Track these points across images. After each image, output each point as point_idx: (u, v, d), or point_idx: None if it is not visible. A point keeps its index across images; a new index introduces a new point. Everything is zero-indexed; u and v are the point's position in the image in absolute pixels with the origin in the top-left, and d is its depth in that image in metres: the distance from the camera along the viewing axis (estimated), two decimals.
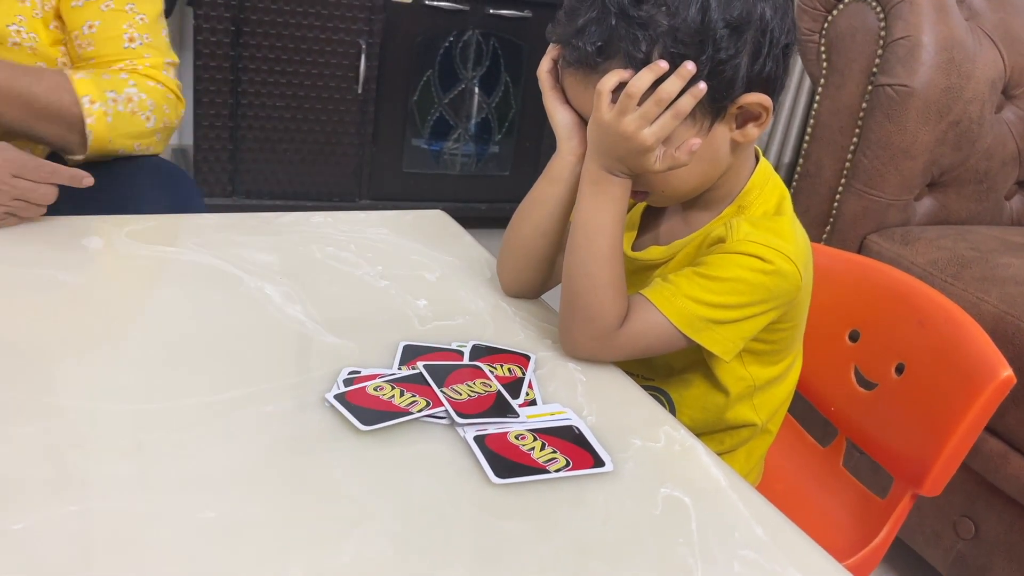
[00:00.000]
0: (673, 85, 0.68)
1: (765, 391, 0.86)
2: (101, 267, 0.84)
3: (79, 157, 1.04)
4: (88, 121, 1.00)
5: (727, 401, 0.84)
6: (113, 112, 1.02)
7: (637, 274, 0.84)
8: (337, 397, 0.65)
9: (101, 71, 1.05)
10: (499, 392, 0.68)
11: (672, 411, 0.87)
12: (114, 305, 0.78)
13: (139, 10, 1.07)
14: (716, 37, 0.67)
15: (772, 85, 0.73)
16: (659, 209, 0.86)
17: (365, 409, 0.64)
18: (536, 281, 0.88)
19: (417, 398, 0.66)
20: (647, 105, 0.69)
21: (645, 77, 0.68)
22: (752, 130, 0.74)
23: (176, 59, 1.13)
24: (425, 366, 0.70)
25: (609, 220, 0.76)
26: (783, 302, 0.76)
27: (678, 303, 0.74)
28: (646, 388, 0.87)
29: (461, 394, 0.67)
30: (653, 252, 0.83)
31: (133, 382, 0.66)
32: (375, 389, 0.66)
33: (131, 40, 1.07)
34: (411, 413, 0.64)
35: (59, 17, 1.06)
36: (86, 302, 0.77)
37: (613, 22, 0.68)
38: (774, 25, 0.70)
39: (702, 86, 0.69)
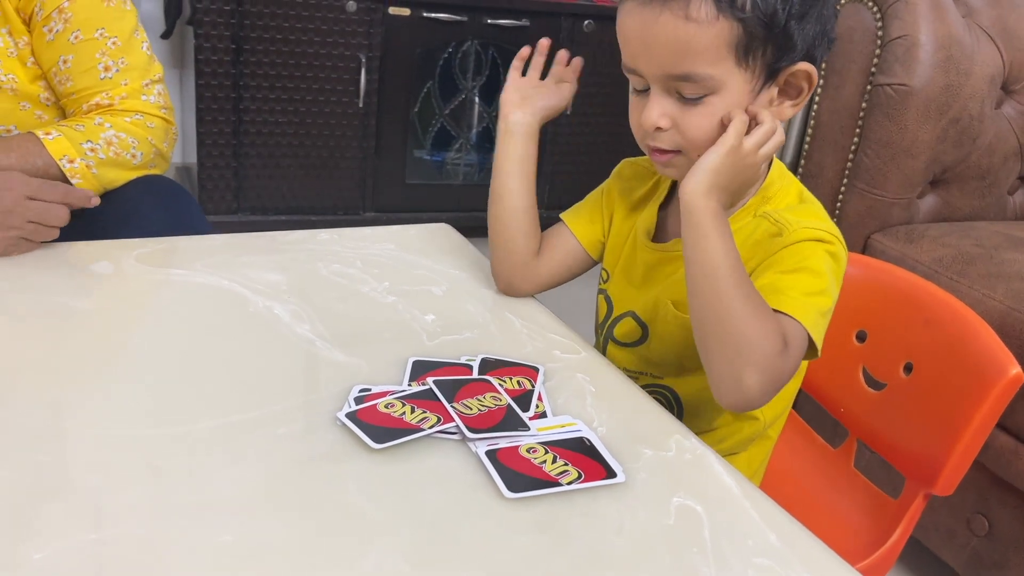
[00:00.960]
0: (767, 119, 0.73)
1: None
2: (111, 292, 0.84)
3: None
4: (74, 181, 0.99)
5: (730, 414, 0.85)
6: (95, 161, 1.01)
7: (662, 266, 0.84)
8: (349, 416, 0.65)
9: (73, 123, 1.03)
10: (509, 406, 0.69)
11: (680, 410, 0.87)
12: (125, 330, 0.78)
13: (110, 33, 1.05)
14: None
15: (818, 67, 0.75)
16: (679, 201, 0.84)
17: (377, 427, 0.64)
18: (525, 268, 0.90)
19: (428, 414, 0.66)
20: (760, 135, 0.73)
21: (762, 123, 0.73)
22: (788, 109, 0.76)
23: (159, 71, 1.11)
24: (435, 382, 0.71)
25: (732, 250, 0.70)
26: (841, 283, 0.76)
27: (805, 302, 0.71)
28: (654, 387, 0.87)
29: (471, 409, 0.68)
30: (679, 243, 0.79)
31: (146, 407, 0.66)
32: (386, 406, 0.67)
33: (106, 69, 1.05)
34: (423, 430, 0.65)
35: (35, 54, 1.05)
36: (97, 328, 0.78)
37: None
38: (831, 10, 0.74)
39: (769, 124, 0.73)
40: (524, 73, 0.93)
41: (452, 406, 0.67)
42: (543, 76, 0.93)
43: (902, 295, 0.96)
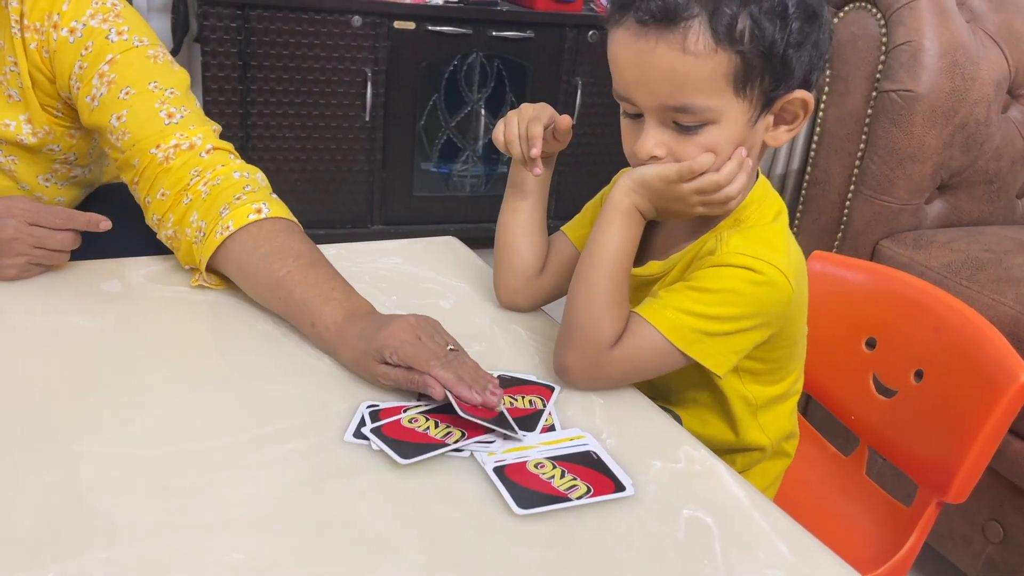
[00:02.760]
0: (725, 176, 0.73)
1: (768, 410, 0.86)
2: (121, 310, 0.85)
3: None
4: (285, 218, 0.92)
5: (732, 422, 0.84)
6: (267, 197, 0.96)
7: (637, 290, 0.84)
8: (374, 431, 0.66)
9: (229, 183, 0.93)
10: (502, 412, 0.69)
11: None
12: (135, 348, 0.79)
13: (165, 85, 0.94)
14: (792, 19, 0.69)
15: (812, 90, 0.75)
16: (657, 224, 0.85)
17: (403, 443, 0.64)
18: (528, 286, 0.91)
19: (452, 429, 0.66)
20: (712, 196, 0.74)
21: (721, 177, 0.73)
22: (783, 134, 0.76)
23: (219, 126, 1.02)
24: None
25: (626, 245, 0.77)
26: (776, 315, 0.76)
27: (668, 315, 0.74)
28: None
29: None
30: (652, 267, 0.83)
31: (156, 425, 0.67)
32: (410, 422, 0.67)
33: (169, 116, 0.93)
34: (447, 445, 0.65)
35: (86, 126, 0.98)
36: (107, 347, 0.78)
37: None
38: (827, 34, 0.73)
39: (743, 152, 0.74)
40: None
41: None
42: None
43: (911, 302, 0.96)
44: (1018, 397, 0.82)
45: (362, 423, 0.67)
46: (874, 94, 1.45)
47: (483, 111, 2.48)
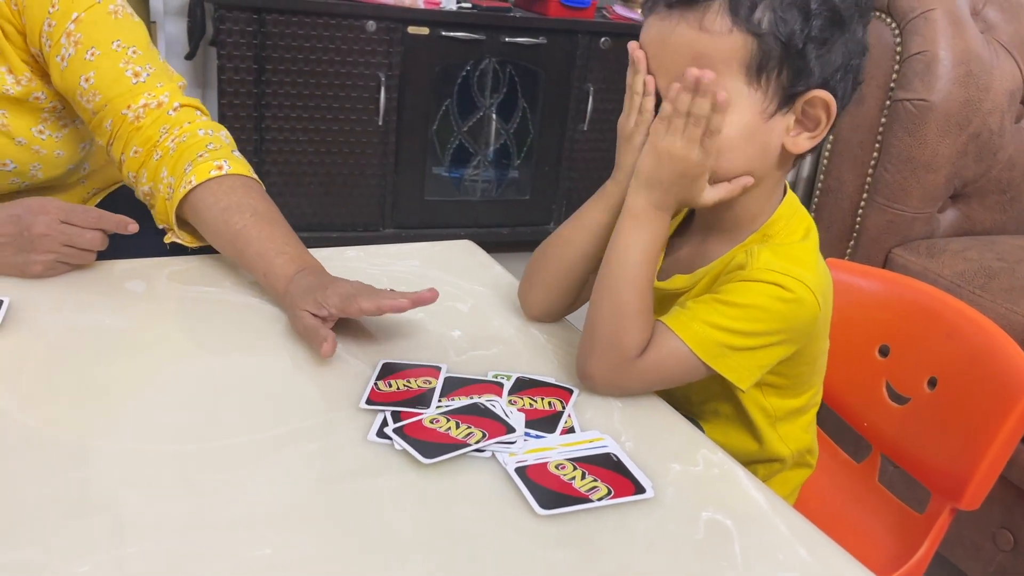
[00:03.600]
0: (703, 104, 0.70)
1: (787, 422, 0.86)
2: (144, 310, 0.86)
3: None
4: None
5: (754, 432, 0.85)
6: (231, 155, 0.96)
7: (662, 303, 0.84)
8: (396, 431, 0.66)
9: (194, 141, 0.96)
10: (497, 412, 0.70)
11: None
12: (158, 347, 0.80)
13: (127, 43, 0.98)
14: (815, 17, 0.69)
15: (838, 99, 0.74)
16: (683, 237, 0.86)
17: (426, 443, 0.65)
18: (565, 303, 0.89)
19: (473, 430, 0.67)
20: (689, 128, 0.71)
21: (683, 96, 0.70)
22: (805, 141, 0.75)
23: (183, 79, 1.05)
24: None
25: (646, 251, 0.76)
26: (801, 333, 0.76)
27: (695, 327, 0.75)
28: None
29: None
30: (677, 281, 0.83)
31: (180, 422, 0.68)
32: (431, 422, 0.68)
33: (136, 75, 0.98)
34: (469, 445, 0.65)
35: (57, 86, 1.00)
36: (131, 345, 0.79)
37: None
38: (857, 51, 0.74)
39: (721, 96, 0.70)
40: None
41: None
42: None
43: (924, 309, 0.96)
44: None
45: (384, 423, 0.68)
46: (888, 103, 1.45)
47: (495, 117, 2.49)
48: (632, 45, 0.76)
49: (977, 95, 1.41)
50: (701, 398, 0.85)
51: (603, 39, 2.46)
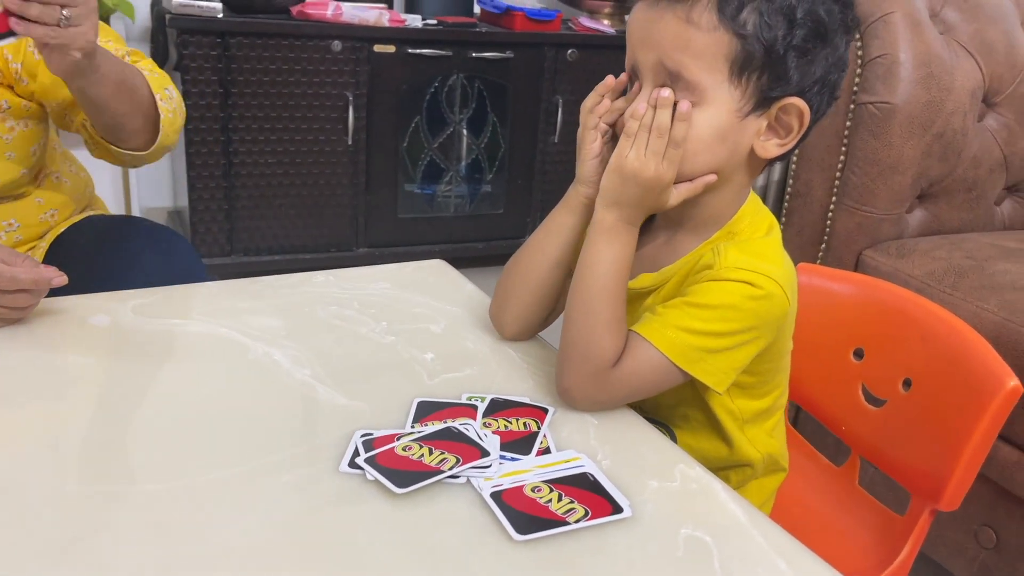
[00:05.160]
0: (664, 116, 0.71)
1: (754, 424, 0.86)
2: (109, 346, 0.84)
3: (142, 154, 1.08)
4: (163, 117, 1.04)
5: (723, 437, 0.85)
6: (171, 109, 1.07)
7: (630, 303, 0.84)
8: (368, 460, 0.65)
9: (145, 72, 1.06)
10: (469, 433, 0.69)
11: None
12: (124, 384, 0.78)
13: (104, 37, 1.04)
14: (799, 27, 0.70)
15: (813, 111, 0.75)
16: (648, 235, 0.85)
17: (398, 471, 0.64)
18: (540, 316, 0.89)
19: (447, 455, 0.66)
20: (652, 142, 0.72)
21: (649, 111, 0.72)
22: (774, 147, 0.76)
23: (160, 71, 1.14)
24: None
25: (617, 263, 0.77)
26: (772, 328, 0.77)
27: (669, 334, 0.75)
28: (647, 419, 0.87)
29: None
30: (644, 280, 0.83)
31: (148, 462, 0.66)
32: (404, 449, 0.67)
33: (118, 52, 1.06)
34: (443, 471, 0.64)
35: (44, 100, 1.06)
36: (96, 383, 0.78)
37: None
38: (837, 66, 0.74)
39: (684, 106, 0.71)
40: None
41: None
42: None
43: (897, 311, 0.97)
44: (1006, 403, 0.83)
45: (356, 453, 0.67)
46: (852, 106, 1.47)
47: (465, 131, 2.49)
48: (610, 78, 0.79)
49: (939, 96, 1.43)
50: (671, 403, 0.85)
51: (570, 51, 2.47)
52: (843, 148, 1.49)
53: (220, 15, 2.09)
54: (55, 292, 0.90)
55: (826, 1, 0.71)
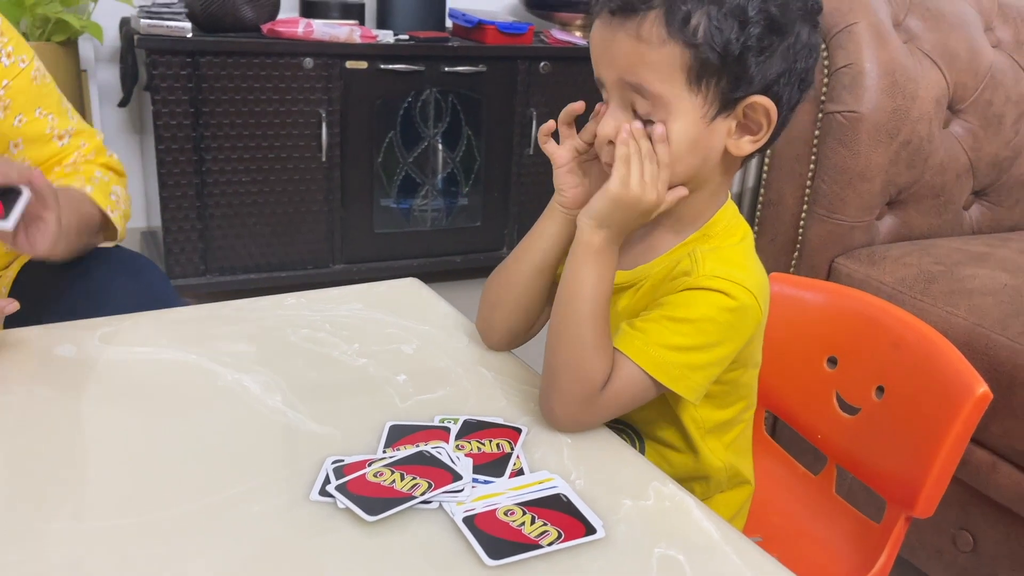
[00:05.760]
0: (647, 144, 0.73)
1: (714, 436, 0.86)
2: (76, 376, 0.83)
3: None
4: (118, 231, 1.09)
5: (688, 444, 0.85)
6: (121, 213, 1.10)
7: None
8: (339, 488, 0.65)
9: (87, 175, 1.09)
10: (441, 456, 0.69)
11: (641, 450, 0.87)
12: (91, 415, 0.77)
13: (47, 110, 1.09)
14: (753, 24, 0.70)
15: (780, 106, 0.75)
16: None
17: (369, 498, 0.63)
18: (525, 326, 0.89)
19: (419, 480, 0.66)
20: (646, 168, 0.72)
21: (633, 141, 0.73)
22: (747, 144, 0.76)
23: (101, 133, 1.17)
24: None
25: (602, 284, 0.76)
26: (744, 337, 0.77)
27: (652, 353, 0.75)
28: (616, 425, 0.87)
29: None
30: (618, 276, 0.82)
31: (117, 495, 0.65)
32: (375, 475, 0.66)
33: (60, 138, 1.10)
34: (415, 497, 0.64)
35: None
36: (62, 415, 0.76)
37: None
38: (803, 53, 0.74)
39: (660, 130, 0.72)
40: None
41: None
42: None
43: (869, 319, 0.97)
44: (976, 408, 0.84)
45: (327, 481, 0.66)
46: (820, 115, 1.48)
47: (440, 146, 2.49)
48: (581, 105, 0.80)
49: (904, 104, 1.45)
50: (638, 409, 0.84)
51: (543, 63, 2.47)
52: (812, 157, 1.50)
53: (190, 34, 2.07)
54: (18, 322, 0.89)
55: None
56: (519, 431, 0.75)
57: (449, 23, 2.62)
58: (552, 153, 0.82)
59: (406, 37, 2.37)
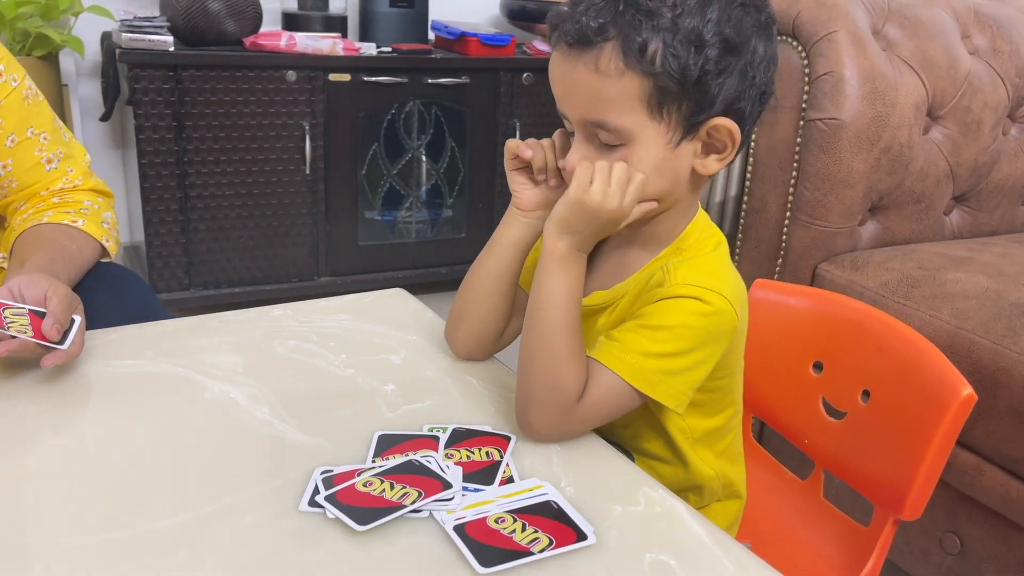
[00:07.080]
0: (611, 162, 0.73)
1: (705, 445, 0.87)
2: (61, 389, 0.82)
3: None
4: (111, 256, 1.11)
5: (677, 456, 0.85)
6: (113, 239, 1.12)
7: (584, 320, 0.84)
8: (328, 498, 0.64)
9: (76, 206, 1.09)
10: (431, 465, 0.69)
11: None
12: (78, 429, 0.76)
13: (39, 129, 1.08)
14: (709, 47, 0.70)
15: (743, 123, 0.75)
16: (598, 253, 0.86)
17: (359, 508, 0.63)
18: (491, 334, 0.88)
19: (409, 489, 0.66)
20: (616, 172, 0.73)
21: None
22: (713, 163, 0.76)
23: (87, 154, 1.17)
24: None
25: (571, 293, 0.77)
26: (723, 343, 0.78)
27: (629, 360, 0.75)
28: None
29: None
30: (596, 297, 0.83)
31: (104, 509, 0.64)
32: (365, 485, 0.66)
33: (48, 162, 1.09)
34: (405, 506, 0.64)
35: None
36: (48, 430, 0.76)
37: (620, 7, 0.70)
38: (761, 67, 0.74)
39: (619, 168, 0.73)
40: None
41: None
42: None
43: (853, 324, 0.98)
44: (961, 411, 0.85)
45: (316, 491, 0.66)
46: (801, 123, 1.50)
47: (424, 157, 2.49)
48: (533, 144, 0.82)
49: (884, 111, 1.47)
50: (624, 422, 0.85)
51: (525, 75, 2.48)
52: (795, 164, 1.52)
53: (172, 48, 2.07)
54: None
55: (731, 15, 0.71)
56: (508, 439, 0.75)
57: (431, 35, 2.62)
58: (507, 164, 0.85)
59: (389, 49, 2.37)
